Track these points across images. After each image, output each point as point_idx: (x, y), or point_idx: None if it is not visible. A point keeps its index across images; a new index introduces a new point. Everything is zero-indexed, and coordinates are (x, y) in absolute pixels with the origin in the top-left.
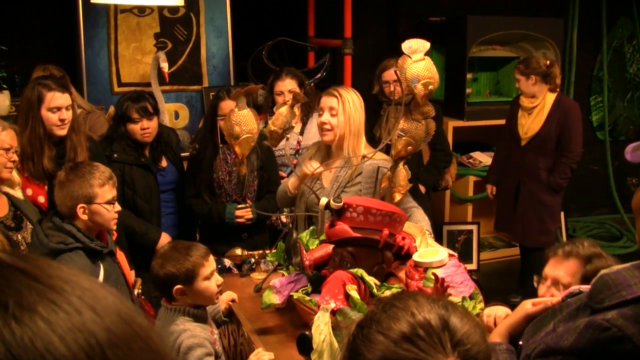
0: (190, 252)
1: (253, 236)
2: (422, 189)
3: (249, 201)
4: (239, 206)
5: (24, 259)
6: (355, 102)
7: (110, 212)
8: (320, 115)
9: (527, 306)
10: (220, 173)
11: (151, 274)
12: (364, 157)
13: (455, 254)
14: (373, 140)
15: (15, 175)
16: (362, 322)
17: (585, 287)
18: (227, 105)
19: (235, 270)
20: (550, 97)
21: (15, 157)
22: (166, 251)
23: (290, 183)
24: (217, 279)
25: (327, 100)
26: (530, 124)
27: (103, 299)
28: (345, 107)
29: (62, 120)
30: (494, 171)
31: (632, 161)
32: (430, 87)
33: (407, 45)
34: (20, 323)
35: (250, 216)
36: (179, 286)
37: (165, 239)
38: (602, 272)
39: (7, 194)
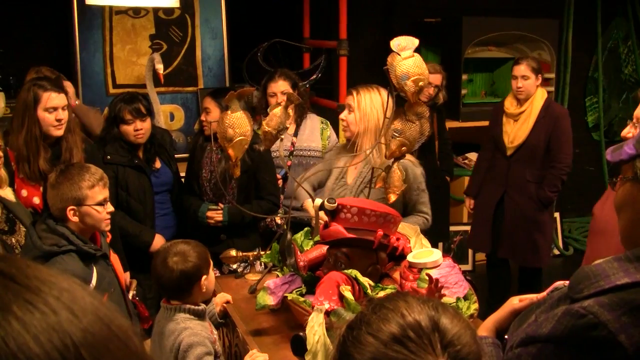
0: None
1: (233, 239)
2: (448, 178)
3: (220, 204)
4: (211, 207)
5: (2, 260)
6: (374, 101)
7: (101, 214)
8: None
9: (514, 302)
10: (204, 171)
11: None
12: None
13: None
14: None
15: (4, 173)
16: (352, 323)
17: None
18: (207, 101)
19: (216, 272)
20: (538, 103)
21: (0, 154)
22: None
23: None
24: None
25: (347, 98)
26: (516, 132)
27: (81, 300)
28: (361, 104)
29: (58, 121)
30: (475, 183)
31: (612, 160)
32: (421, 83)
33: (396, 42)
34: None
35: (220, 219)
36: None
37: (159, 240)
38: (583, 265)
39: None
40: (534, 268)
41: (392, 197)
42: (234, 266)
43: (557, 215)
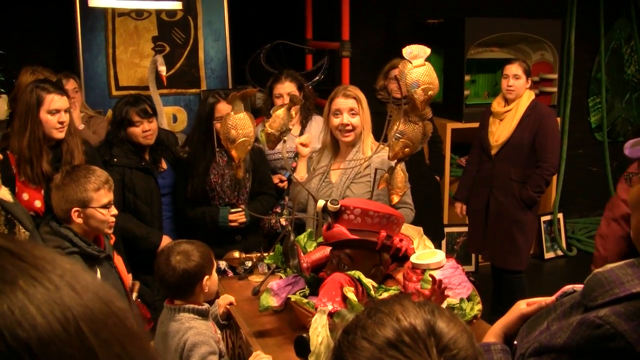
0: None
1: (247, 238)
2: (438, 178)
3: (241, 205)
4: (232, 210)
5: (12, 241)
6: (365, 100)
7: (105, 216)
8: (337, 117)
9: (522, 306)
10: (213, 176)
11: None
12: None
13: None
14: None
15: None
16: (348, 327)
17: (580, 287)
18: (223, 107)
19: (230, 273)
20: (525, 103)
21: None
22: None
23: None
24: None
25: (345, 102)
26: (501, 131)
27: (83, 280)
28: (363, 106)
29: (61, 123)
30: (464, 188)
31: (631, 156)
32: (430, 92)
33: (408, 50)
34: (1, 294)
35: (244, 220)
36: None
37: (166, 242)
38: (596, 270)
39: None
40: (514, 271)
41: (395, 198)
42: (249, 264)
43: (560, 215)
